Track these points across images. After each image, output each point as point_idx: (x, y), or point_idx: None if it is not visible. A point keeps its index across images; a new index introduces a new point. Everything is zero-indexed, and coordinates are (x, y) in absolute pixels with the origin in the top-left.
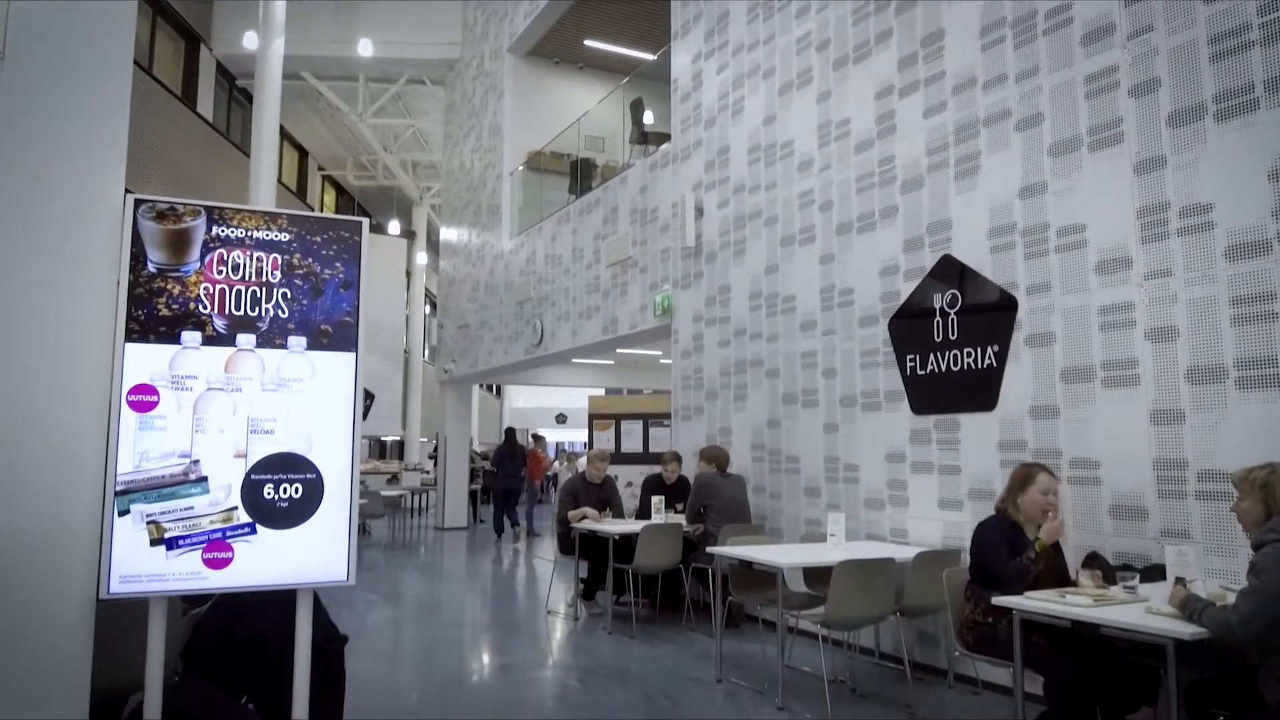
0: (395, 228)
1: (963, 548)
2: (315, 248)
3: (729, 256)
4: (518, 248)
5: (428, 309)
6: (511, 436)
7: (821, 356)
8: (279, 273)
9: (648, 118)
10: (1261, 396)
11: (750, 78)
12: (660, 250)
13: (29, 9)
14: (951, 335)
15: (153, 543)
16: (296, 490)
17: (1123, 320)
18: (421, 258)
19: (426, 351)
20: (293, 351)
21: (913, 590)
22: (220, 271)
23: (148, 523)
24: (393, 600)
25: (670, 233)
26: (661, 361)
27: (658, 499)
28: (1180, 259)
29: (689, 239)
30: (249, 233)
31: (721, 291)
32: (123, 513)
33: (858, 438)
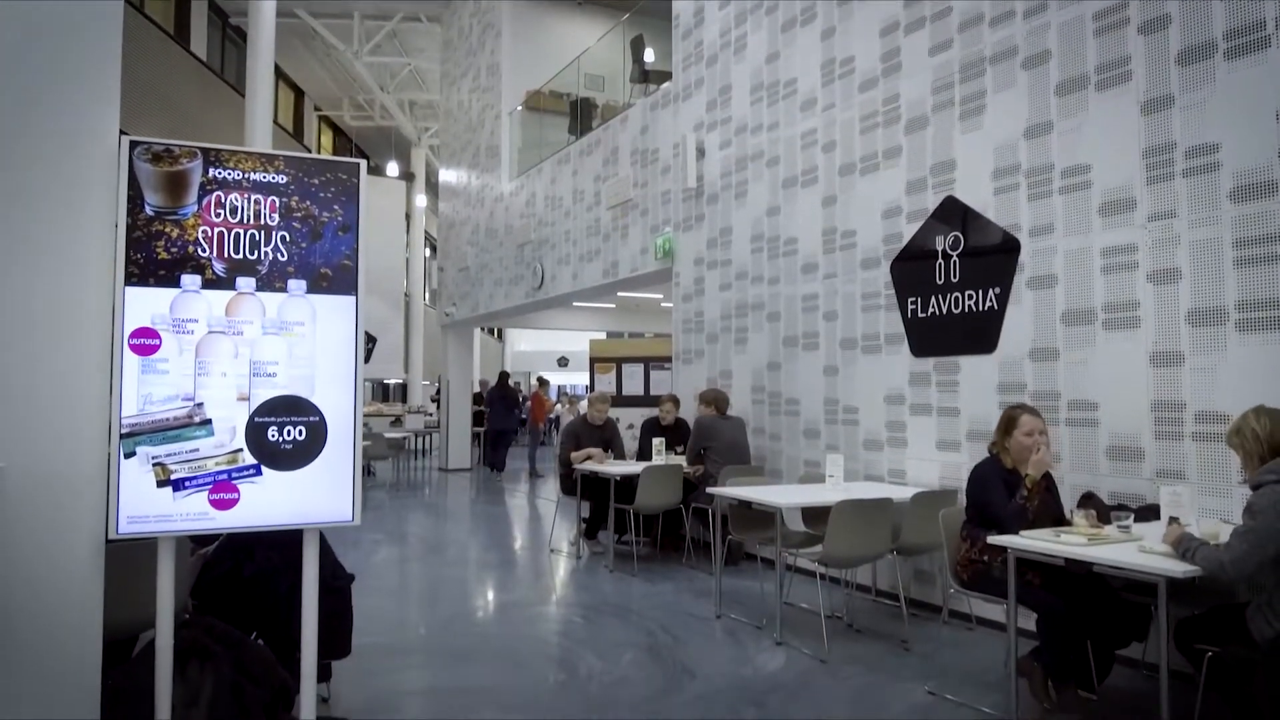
0: (394, 169)
1: (960, 488)
2: (313, 190)
3: (730, 198)
4: (517, 190)
5: (428, 252)
6: (504, 380)
7: (823, 299)
8: (277, 215)
9: (648, 55)
10: (1261, 339)
11: (753, 13)
12: (661, 192)
13: None
14: (953, 278)
15: (159, 484)
16: (300, 432)
17: (1125, 263)
18: (421, 200)
19: (427, 295)
20: (293, 295)
21: (909, 529)
22: (218, 214)
23: (154, 464)
24: (398, 540)
25: (671, 174)
26: (663, 305)
27: (658, 440)
28: (1185, 200)
29: (690, 180)
30: (246, 175)
31: (723, 234)
32: (129, 455)
33: (857, 380)
